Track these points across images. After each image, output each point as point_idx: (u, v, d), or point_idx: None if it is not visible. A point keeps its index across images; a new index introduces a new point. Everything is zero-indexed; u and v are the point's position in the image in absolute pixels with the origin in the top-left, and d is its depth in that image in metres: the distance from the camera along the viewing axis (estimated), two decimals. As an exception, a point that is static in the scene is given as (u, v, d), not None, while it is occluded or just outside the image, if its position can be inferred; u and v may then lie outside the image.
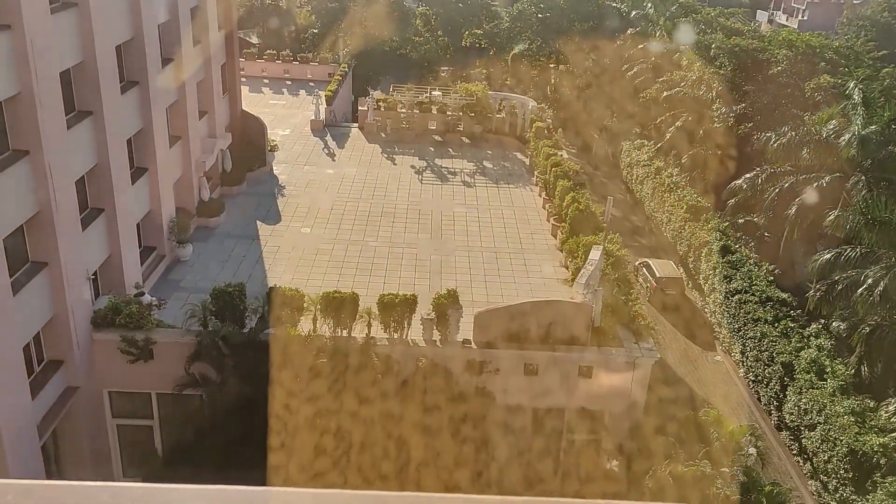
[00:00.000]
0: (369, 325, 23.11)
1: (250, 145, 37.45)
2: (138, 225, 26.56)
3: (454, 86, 48.87)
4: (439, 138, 45.00)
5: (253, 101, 48.83)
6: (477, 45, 69.86)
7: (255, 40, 65.74)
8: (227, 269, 28.26)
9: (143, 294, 23.74)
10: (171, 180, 28.98)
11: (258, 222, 32.60)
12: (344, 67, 54.24)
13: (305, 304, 22.71)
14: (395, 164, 40.72)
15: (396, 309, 23.39)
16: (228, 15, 36.10)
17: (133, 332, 22.16)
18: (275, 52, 57.04)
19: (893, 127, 32.46)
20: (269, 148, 38.60)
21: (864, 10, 78.51)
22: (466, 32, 69.57)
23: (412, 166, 40.49)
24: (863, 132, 32.12)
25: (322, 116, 45.18)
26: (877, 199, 29.67)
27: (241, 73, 42.43)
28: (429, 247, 31.40)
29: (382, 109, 45.50)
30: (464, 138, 45.10)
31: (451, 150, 43.33)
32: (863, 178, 31.46)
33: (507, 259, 30.77)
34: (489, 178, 39.68)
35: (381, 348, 23.22)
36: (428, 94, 47.75)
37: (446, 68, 68.58)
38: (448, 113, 45.50)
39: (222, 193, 34.63)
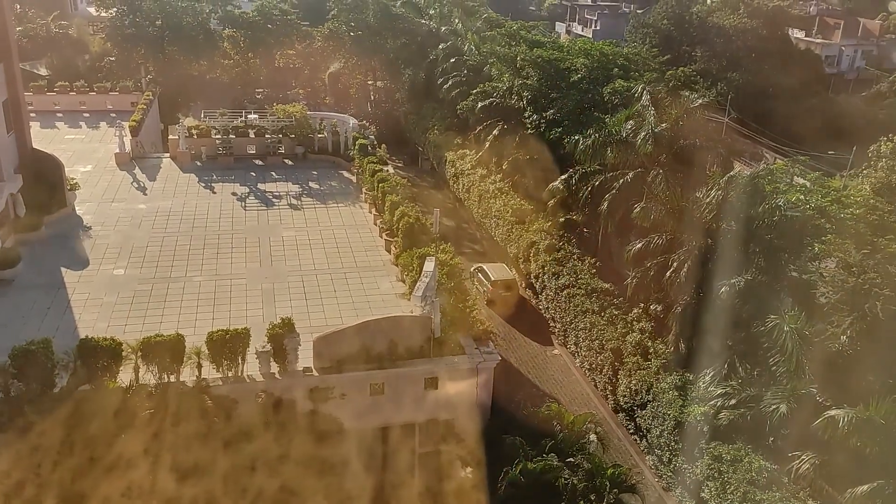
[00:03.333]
0: (199, 367, 21.82)
1: (46, 186, 34.29)
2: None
3: (271, 107, 47.73)
4: (260, 162, 43.74)
5: (46, 138, 44.99)
6: (291, 66, 68.83)
7: (43, 72, 60.66)
8: (30, 324, 25.55)
9: (-70, 363, 20.88)
10: (-46, 232, 25.86)
11: (63, 269, 29.88)
12: (148, 95, 51.35)
13: (124, 353, 21.05)
14: (214, 193, 38.99)
15: (228, 345, 22.30)
16: (7, 46, 32.85)
17: (-80, 409, 19.43)
18: (67, 83, 52.99)
19: (680, 123, 35.57)
20: (68, 187, 35.59)
21: (647, 18, 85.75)
22: (279, 53, 68.30)
23: (233, 193, 38.97)
24: (655, 130, 34.94)
25: (128, 148, 42.42)
26: (674, 189, 32.37)
27: (30, 108, 38.94)
28: (259, 275, 30.28)
29: (195, 137, 43.49)
30: (286, 160, 44.14)
31: (273, 173, 42.20)
32: (660, 171, 34.17)
33: (342, 279, 30.33)
34: (316, 198, 39.04)
35: (214, 389, 21.98)
36: (244, 118, 46.28)
37: (261, 90, 67.01)
38: (267, 136, 44.37)
39: (18, 241, 31.40)
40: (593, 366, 33.15)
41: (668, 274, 29.58)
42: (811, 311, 26.34)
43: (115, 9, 63.33)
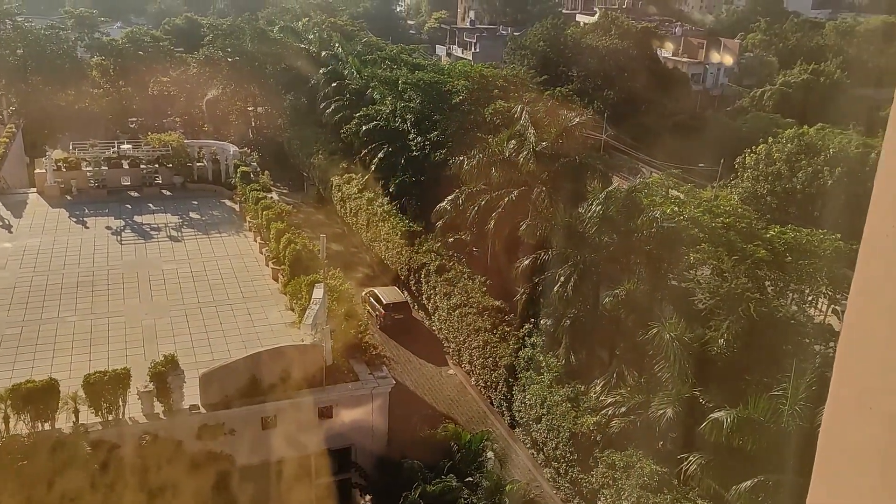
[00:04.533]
0: (76, 412, 20.48)
1: None
2: None
3: (146, 137, 45.88)
4: (136, 194, 41.86)
5: None
6: (166, 94, 66.49)
7: None
8: None
9: None
10: None
11: (-82, 316, 27.47)
12: (11, 128, 48.27)
13: (-9, 403, 19.49)
14: (87, 228, 36.95)
15: (107, 387, 21.09)
16: None
17: None
18: (-83, 116, 49.13)
19: (559, 142, 36.81)
20: (-78, 228, 32.88)
21: (524, 40, 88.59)
22: (152, 80, 65.85)
23: (108, 227, 37.07)
24: (537, 148, 35.97)
25: (-11, 184, 39.65)
26: (557, 205, 33.36)
27: None
28: (139, 312, 28.83)
29: (64, 170, 41.14)
30: (164, 191, 42.47)
31: (151, 205, 40.44)
32: (543, 189, 35.16)
33: (228, 311, 29.32)
34: (198, 229, 37.68)
35: (94, 434, 20.67)
36: (116, 149, 44.22)
37: (135, 119, 64.34)
38: (142, 166, 42.58)
39: None
40: (488, 383, 33.47)
41: (555, 288, 30.31)
42: (691, 317, 27.61)
43: (-31, 37, 59.43)
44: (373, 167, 47.60)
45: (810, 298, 39.38)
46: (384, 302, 39.61)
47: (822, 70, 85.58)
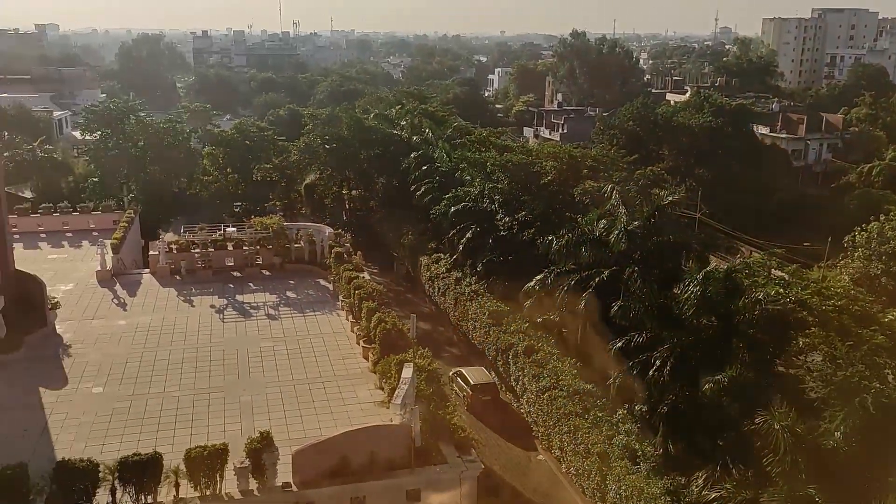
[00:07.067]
0: (177, 486, 21.19)
1: (27, 306, 34.18)
2: None
3: (249, 220, 48.40)
4: (238, 274, 43.92)
5: (29, 259, 44.85)
6: (268, 179, 70.23)
7: (28, 194, 61.63)
8: (3, 448, 24.77)
9: None
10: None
11: (41, 389, 29.31)
12: (130, 213, 51.95)
13: (101, 475, 20.46)
14: (193, 306, 38.90)
15: (206, 462, 21.78)
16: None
17: None
18: (51, 204, 53.67)
19: (652, 221, 36.44)
20: (49, 306, 35.43)
21: (613, 120, 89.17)
22: (256, 167, 69.82)
23: (212, 306, 38.91)
24: (628, 228, 35.69)
25: (109, 265, 42.57)
26: (651, 286, 32.64)
27: (14, 229, 39.17)
28: (237, 388, 29.85)
29: (175, 252, 43.77)
30: (264, 271, 44.43)
31: (251, 284, 42.31)
32: (636, 269, 34.62)
33: (320, 389, 29.96)
34: (294, 307, 39.04)
35: (191, 509, 21.28)
36: (222, 232, 46.84)
37: (239, 204, 68.04)
38: (245, 248, 44.83)
39: (-4, 363, 30.95)
40: (580, 471, 32.30)
41: (650, 372, 29.34)
42: (801, 406, 25.87)
43: (99, 132, 65.15)
44: (461, 247, 48.29)
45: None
46: (472, 382, 39.39)
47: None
